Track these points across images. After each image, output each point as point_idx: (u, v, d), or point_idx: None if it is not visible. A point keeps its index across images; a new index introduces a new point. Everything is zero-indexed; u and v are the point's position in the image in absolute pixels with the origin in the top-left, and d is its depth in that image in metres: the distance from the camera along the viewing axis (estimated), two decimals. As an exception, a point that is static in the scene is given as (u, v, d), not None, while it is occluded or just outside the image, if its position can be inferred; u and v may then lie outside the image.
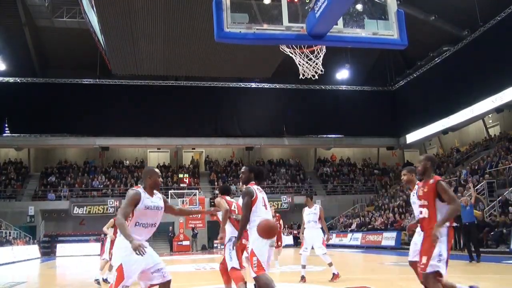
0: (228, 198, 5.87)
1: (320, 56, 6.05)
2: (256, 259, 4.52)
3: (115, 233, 8.79)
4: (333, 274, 7.84)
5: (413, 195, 5.19)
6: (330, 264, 7.95)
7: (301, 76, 6.20)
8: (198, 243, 26.74)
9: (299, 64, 6.09)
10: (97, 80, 28.32)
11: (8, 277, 12.80)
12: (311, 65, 6.06)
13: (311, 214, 8.23)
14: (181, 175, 29.72)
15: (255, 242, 4.60)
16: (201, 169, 32.37)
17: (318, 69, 6.09)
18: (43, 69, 29.16)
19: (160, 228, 7.85)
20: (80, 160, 31.50)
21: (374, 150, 34.91)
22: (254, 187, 4.87)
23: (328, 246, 26.26)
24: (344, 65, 29.55)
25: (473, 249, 11.11)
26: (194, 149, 33.12)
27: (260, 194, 4.85)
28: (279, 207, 28.23)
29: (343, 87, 31.76)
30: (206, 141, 30.83)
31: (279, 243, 10.69)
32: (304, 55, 6.04)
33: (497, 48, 21.24)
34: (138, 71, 25.96)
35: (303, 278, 7.89)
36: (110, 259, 8.16)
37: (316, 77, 6.16)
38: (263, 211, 4.77)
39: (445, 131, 27.56)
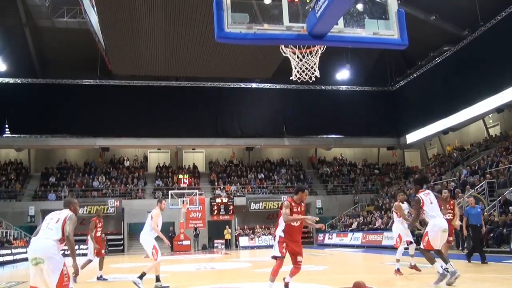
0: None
1: (315, 64, 6.03)
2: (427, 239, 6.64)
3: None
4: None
5: None
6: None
7: (293, 77, 6.19)
8: (199, 243, 26.70)
9: (294, 68, 6.09)
10: (97, 80, 28.27)
11: (8, 277, 12.80)
12: (307, 68, 6.05)
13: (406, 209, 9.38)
14: (181, 176, 29.69)
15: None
16: (201, 169, 32.35)
17: (315, 71, 6.07)
18: (44, 70, 29.09)
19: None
20: (80, 161, 31.48)
21: (374, 150, 34.89)
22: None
23: (329, 245, 26.09)
24: (344, 65, 29.54)
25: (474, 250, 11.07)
26: (194, 149, 33.11)
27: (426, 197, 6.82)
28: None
29: (344, 87, 31.74)
30: (207, 142, 30.77)
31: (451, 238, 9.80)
32: (303, 56, 6.02)
33: (498, 48, 21.19)
34: (138, 71, 25.91)
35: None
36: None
37: (314, 78, 6.15)
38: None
39: (445, 131, 27.51)
